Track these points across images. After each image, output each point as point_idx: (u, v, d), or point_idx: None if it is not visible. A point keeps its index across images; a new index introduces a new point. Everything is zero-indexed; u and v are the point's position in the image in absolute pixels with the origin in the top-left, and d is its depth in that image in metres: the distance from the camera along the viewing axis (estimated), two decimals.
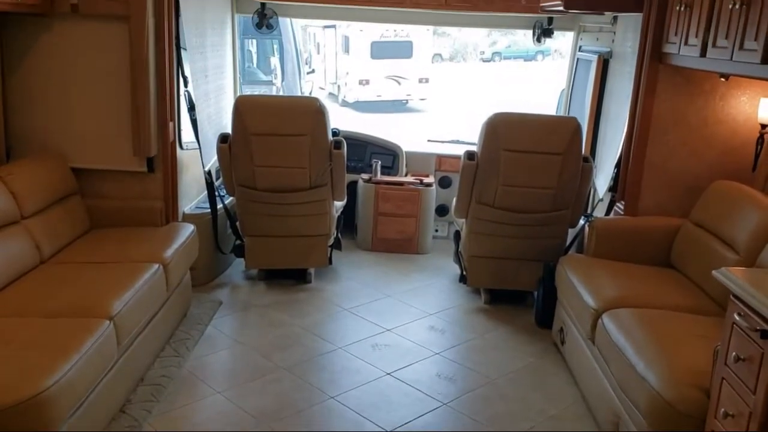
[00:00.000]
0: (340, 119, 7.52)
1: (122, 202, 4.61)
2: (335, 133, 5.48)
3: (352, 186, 6.09)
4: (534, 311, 4.81)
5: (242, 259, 5.31)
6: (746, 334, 2.39)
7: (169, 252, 4.12)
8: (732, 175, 4.17)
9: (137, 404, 3.52)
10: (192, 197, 5.17)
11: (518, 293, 5.10)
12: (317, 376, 3.97)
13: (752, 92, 4.19)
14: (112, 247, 4.17)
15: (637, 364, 3.02)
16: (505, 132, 4.69)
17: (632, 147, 4.47)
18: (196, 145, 4.99)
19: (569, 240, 4.98)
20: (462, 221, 5.10)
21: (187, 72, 4.83)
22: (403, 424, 3.52)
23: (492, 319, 4.86)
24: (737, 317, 2.45)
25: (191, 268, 4.59)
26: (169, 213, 4.68)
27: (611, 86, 5.25)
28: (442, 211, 6.50)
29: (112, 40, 4.39)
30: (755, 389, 2.31)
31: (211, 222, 5.08)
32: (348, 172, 5.27)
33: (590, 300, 3.73)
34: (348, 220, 6.12)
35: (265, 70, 12.58)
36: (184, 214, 4.93)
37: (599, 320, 3.56)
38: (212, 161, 5.21)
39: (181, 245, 4.31)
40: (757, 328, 2.31)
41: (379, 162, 6.22)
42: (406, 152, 6.54)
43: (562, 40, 6.58)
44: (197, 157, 5.02)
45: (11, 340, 2.96)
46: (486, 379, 4.02)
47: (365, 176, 6.19)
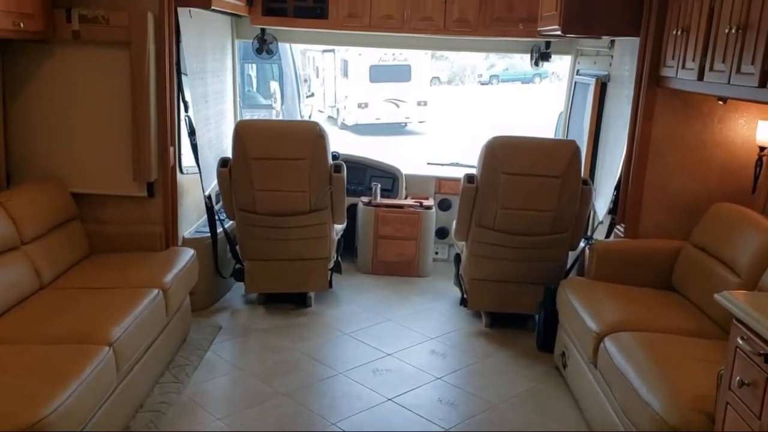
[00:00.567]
0: (339, 142, 7.55)
1: (122, 227, 4.60)
2: (335, 156, 5.50)
3: (352, 209, 6.10)
4: (535, 335, 4.79)
5: (242, 284, 5.30)
6: (750, 358, 2.37)
7: (168, 277, 4.11)
8: (732, 197, 4.18)
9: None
10: (192, 221, 5.17)
11: (519, 316, 5.08)
12: (318, 402, 3.94)
13: (750, 115, 4.21)
14: (112, 272, 4.16)
15: (640, 389, 2.99)
16: (504, 155, 4.70)
17: (631, 169, 4.48)
18: (197, 170, 5.00)
19: (570, 263, 4.97)
20: (462, 244, 5.10)
21: (188, 97, 4.86)
22: None
23: (493, 342, 4.83)
24: (740, 341, 2.44)
25: (191, 293, 4.58)
26: (169, 237, 4.68)
27: (609, 109, 5.28)
28: (442, 233, 6.50)
29: (113, 66, 4.42)
30: (760, 414, 2.29)
31: (211, 246, 5.08)
32: (348, 195, 5.28)
33: (592, 323, 3.71)
34: (348, 243, 6.11)
35: (264, 94, 12.67)
36: (183, 239, 4.92)
37: (601, 344, 3.55)
38: (212, 185, 5.22)
39: (181, 270, 4.30)
40: (761, 352, 2.30)
41: (379, 185, 6.23)
42: (405, 175, 6.55)
43: (560, 63, 6.63)
44: (197, 181, 5.03)
45: (10, 368, 2.93)
46: (488, 404, 3.98)
47: (365, 199, 6.20)
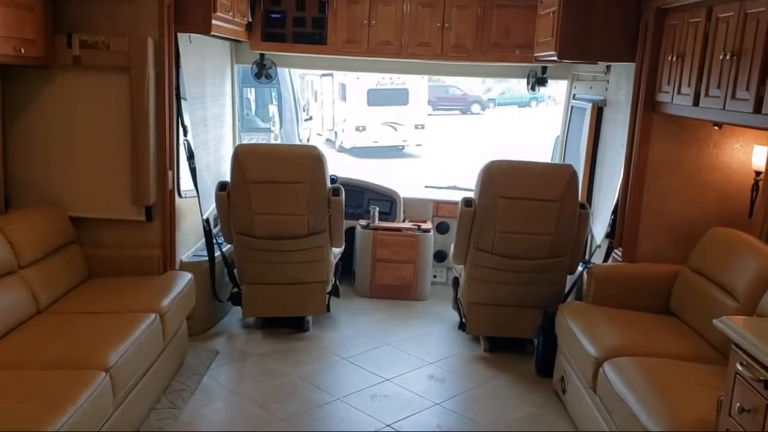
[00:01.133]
0: (337, 165, 7.57)
1: (120, 250, 4.60)
2: (333, 179, 5.52)
3: (350, 232, 6.10)
4: (534, 359, 4.76)
5: (239, 308, 5.28)
6: (750, 384, 2.37)
7: (166, 301, 4.10)
8: (729, 221, 4.20)
9: None
10: (190, 245, 5.17)
11: (518, 341, 5.06)
12: (315, 428, 3.90)
13: (745, 140, 4.24)
14: (109, 296, 4.14)
15: (640, 414, 2.98)
16: (502, 179, 4.73)
17: (628, 194, 4.50)
18: (195, 194, 5.01)
19: (568, 287, 4.97)
20: (460, 268, 5.10)
21: (187, 121, 4.89)
22: None
23: (492, 367, 4.81)
24: (740, 367, 2.43)
25: (188, 317, 4.56)
26: (167, 261, 4.67)
27: (606, 134, 5.31)
28: (440, 256, 6.49)
29: (112, 90, 4.44)
30: None
31: (209, 270, 5.06)
32: (346, 219, 5.28)
33: (591, 348, 3.70)
34: (346, 267, 6.10)
35: (263, 117, 12.72)
36: (181, 263, 4.92)
37: (600, 369, 3.53)
38: (210, 209, 5.23)
39: (179, 294, 4.29)
40: (761, 378, 2.29)
41: (377, 208, 6.24)
42: (403, 198, 6.57)
43: (557, 87, 6.69)
44: (195, 205, 5.03)
45: (6, 393, 2.92)
46: (487, 430, 3.95)
47: (363, 222, 6.20)
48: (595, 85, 5.65)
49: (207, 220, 5.09)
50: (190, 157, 4.91)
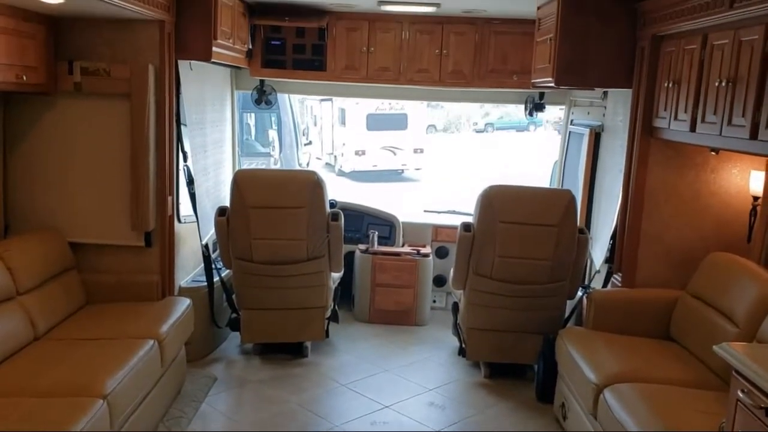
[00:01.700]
0: (336, 189, 7.60)
1: (119, 276, 4.59)
2: (332, 204, 5.53)
3: (349, 257, 6.09)
4: (535, 385, 4.73)
5: (238, 333, 5.25)
6: (751, 411, 2.35)
7: (164, 327, 4.08)
8: (727, 246, 4.20)
9: None
10: (189, 270, 5.16)
11: (518, 366, 5.03)
12: None
13: (743, 165, 4.26)
14: (108, 322, 4.13)
15: None
16: (501, 204, 4.74)
17: (627, 219, 4.51)
18: (194, 219, 5.01)
19: (568, 312, 4.96)
20: (460, 293, 5.09)
21: (187, 147, 4.91)
22: None
23: (492, 393, 4.78)
24: (741, 394, 2.42)
25: (186, 343, 4.53)
26: (166, 287, 4.66)
27: (604, 159, 5.34)
28: (439, 281, 6.48)
29: (113, 116, 4.47)
30: None
31: (208, 296, 5.05)
32: (345, 243, 5.28)
33: (591, 375, 3.68)
34: (345, 291, 6.09)
35: (263, 142, 12.80)
36: (180, 288, 4.91)
37: (601, 395, 3.51)
38: (209, 234, 5.23)
39: (177, 320, 4.27)
40: (762, 405, 2.28)
41: (376, 232, 6.25)
42: (402, 222, 6.58)
43: (555, 111, 6.74)
44: (195, 230, 5.04)
45: (3, 421, 2.89)
46: None
47: (362, 247, 6.20)
48: (592, 111, 5.69)
49: (206, 246, 5.09)
50: (190, 182, 4.93)
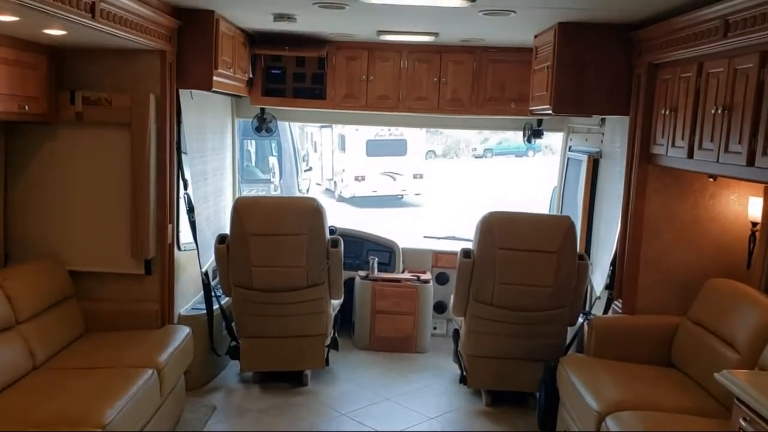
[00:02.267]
0: (336, 214, 7.61)
1: (118, 304, 4.58)
2: (332, 230, 5.54)
3: (349, 283, 6.08)
4: (536, 413, 4.69)
5: (237, 361, 5.22)
6: None
7: (163, 356, 4.06)
8: (727, 272, 4.20)
9: None
10: (188, 298, 5.15)
11: (520, 394, 5.00)
12: None
13: (741, 191, 4.28)
14: (106, 351, 4.11)
15: None
16: (500, 230, 4.75)
17: (627, 245, 4.51)
18: (194, 246, 5.02)
19: (569, 339, 4.94)
20: (460, 320, 5.07)
21: (187, 175, 4.94)
22: None
23: (494, 422, 4.74)
24: (743, 422, 2.41)
25: (185, 372, 4.51)
26: (165, 315, 4.65)
27: (602, 185, 5.36)
28: (440, 308, 6.46)
29: (114, 145, 4.50)
30: None
31: (207, 324, 5.03)
32: (345, 270, 5.28)
33: (593, 402, 3.65)
34: (345, 318, 6.07)
35: (263, 168, 12.85)
36: (180, 316, 4.89)
37: (603, 423, 3.48)
38: (209, 261, 5.23)
39: (176, 349, 4.25)
40: None
41: (376, 259, 6.24)
42: (402, 248, 6.58)
43: (553, 137, 6.78)
44: (194, 257, 5.04)
45: None
46: None
47: (362, 273, 6.20)
48: (590, 137, 5.73)
49: (206, 273, 5.09)
50: (190, 210, 4.95)
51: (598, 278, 5.11)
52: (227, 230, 5.05)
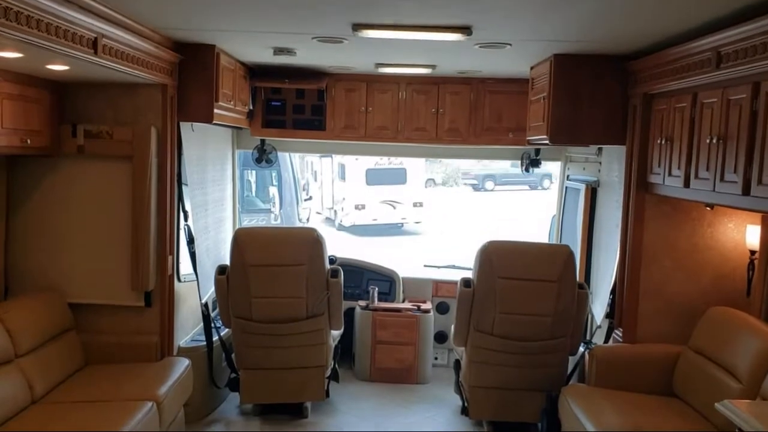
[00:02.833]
0: (336, 243, 7.62)
1: (118, 336, 4.57)
2: (332, 260, 5.54)
3: (350, 313, 6.07)
4: None
5: (237, 393, 5.18)
6: None
7: (163, 389, 4.05)
8: (727, 300, 4.20)
9: None
10: (188, 330, 5.14)
11: (522, 425, 4.95)
12: None
13: (738, 219, 4.30)
14: (106, 384, 4.10)
15: None
16: (500, 260, 4.75)
17: (626, 274, 4.52)
18: (194, 277, 5.02)
19: (570, 368, 4.91)
20: (461, 350, 5.05)
21: (188, 206, 4.97)
22: None
23: None
24: None
25: (185, 404, 4.49)
26: (165, 347, 4.64)
27: (601, 214, 5.38)
28: (441, 338, 6.43)
29: (115, 178, 4.54)
30: None
31: (207, 356, 5.01)
32: (345, 299, 5.28)
33: None
34: (345, 349, 6.04)
35: (263, 198, 12.87)
36: (179, 348, 4.88)
37: None
38: (209, 293, 5.22)
39: (176, 381, 4.24)
40: None
41: (376, 288, 6.23)
42: (402, 278, 6.57)
43: (552, 164, 6.81)
44: (194, 289, 5.04)
45: None
46: None
47: (362, 303, 6.18)
48: (588, 167, 5.77)
49: (206, 305, 5.08)
50: (190, 241, 4.96)
51: (598, 307, 5.10)
52: (227, 261, 5.06)
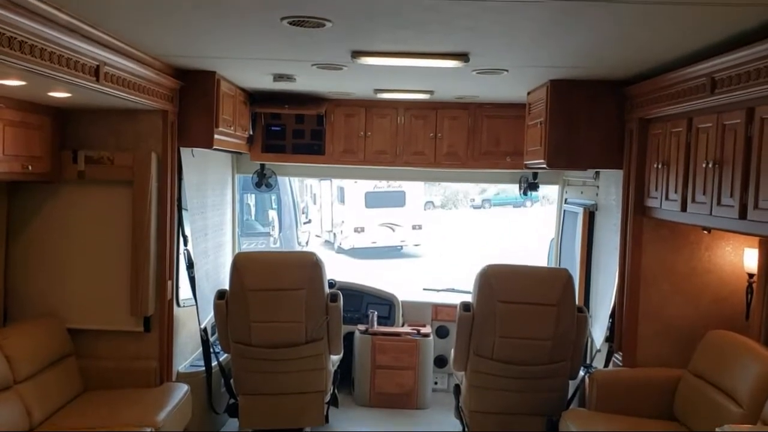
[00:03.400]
0: (335, 266, 7.62)
1: (117, 362, 4.56)
2: (331, 284, 5.54)
3: (349, 337, 6.05)
4: None
5: (236, 419, 5.15)
6: None
7: (161, 415, 4.03)
8: (726, 323, 4.20)
9: None
10: (187, 355, 5.12)
11: None
12: None
13: (736, 243, 4.32)
14: (104, 410, 4.08)
15: None
16: (499, 284, 4.75)
17: (625, 297, 4.53)
18: (193, 302, 5.02)
19: (570, 392, 4.89)
20: (461, 374, 5.03)
21: (187, 231, 4.98)
22: None
23: None
24: None
25: (184, 430, 4.45)
26: (164, 373, 4.62)
27: (599, 237, 5.39)
28: (440, 362, 6.40)
29: (115, 203, 4.56)
30: None
31: (206, 381, 4.99)
32: (344, 323, 5.27)
33: None
34: (345, 374, 6.01)
35: (263, 221, 12.91)
36: (178, 373, 4.86)
37: None
38: (208, 318, 5.22)
39: (175, 407, 4.22)
40: None
41: (376, 312, 6.22)
42: (402, 301, 6.56)
43: (550, 187, 6.85)
44: (193, 314, 5.04)
45: None
46: None
47: (362, 327, 6.17)
48: (585, 190, 5.80)
49: (205, 329, 5.07)
50: (190, 266, 4.97)
51: (598, 331, 5.10)
52: (227, 285, 5.06)
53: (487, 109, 5.97)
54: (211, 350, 5.08)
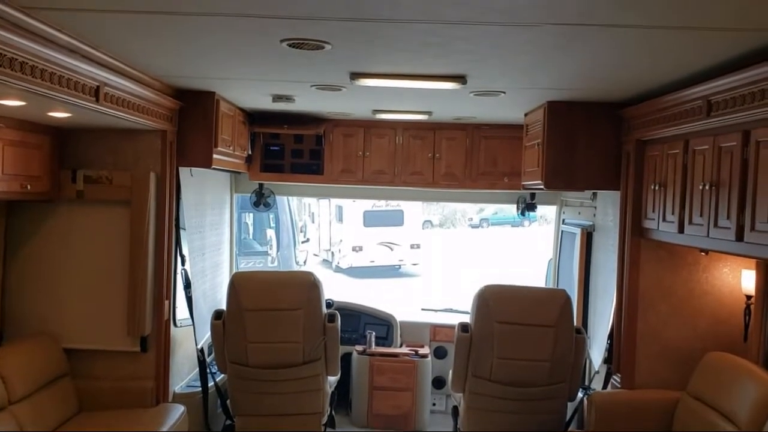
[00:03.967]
0: (333, 285, 7.60)
1: (113, 382, 4.53)
2: (329, 304, 5.52)
3: (346, 358, 6.02)
4: None
5: None
6: None
7: None
8: (724, 345, 4.19)
9: None
10: (183, 375, 5.09)
11: None
12: None
13: (733, 264, 4.32)
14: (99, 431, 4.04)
15: None
16: (497, 304, 4.75)
17: (623, 319, 4.51)
18: (190, 322, 5.00)
19: (569, 414, 4.86)
20: (460, 396, 5.00)
21: (185, 250, 4.98)
22: None
23: None
24: None
25: None
26: (160, 393, 4.59)
27: (597, 258, 5.40)
28: (438, 383, 6.37)
29: (113, 222, 4.56)
30: None
31: (202, 402, 4.96)
32: (342, 344, 5.25)
33: None
34: (342, 395, 5.98)
35: (260, 240, 12.90)
36: (174, 394, 4.83)
37: None
38: (205, 338, 5.19)
39: (171, 428, 4.21)
40: None
41: (374, 333, 6.20)
42: (400, 322, 6.54)
43: (548, 207, 6.87)
44: (190, 333, 5.01)
45: None
46: None
47: (359, 348, 6.14)
48: (583, 211, 5.81)
49: (201, 350, 5.05)
50: (187, 286, 4.95)
51: (596, 352, 5.08)
52: (224, 305, 5.04)
53: (485, 129, 6.00)
54: (208, 371, 5.05)
